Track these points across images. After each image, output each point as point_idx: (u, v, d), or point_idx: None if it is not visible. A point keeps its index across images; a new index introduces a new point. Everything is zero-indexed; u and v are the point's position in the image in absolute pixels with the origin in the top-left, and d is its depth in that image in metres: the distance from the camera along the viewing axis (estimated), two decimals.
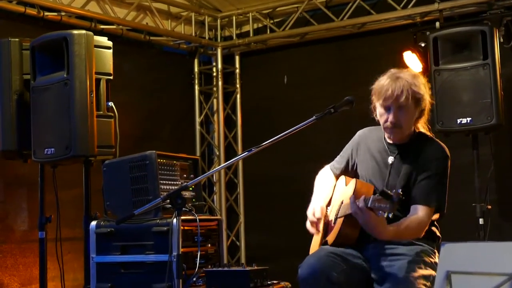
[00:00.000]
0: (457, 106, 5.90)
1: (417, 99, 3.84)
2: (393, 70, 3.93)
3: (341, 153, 4.27)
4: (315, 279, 3.67)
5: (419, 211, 3.77)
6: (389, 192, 3.42)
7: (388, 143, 4.00)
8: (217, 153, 8.55)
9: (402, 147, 3.96)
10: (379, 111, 3.93)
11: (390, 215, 3.52)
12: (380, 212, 3.49)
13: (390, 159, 3.95)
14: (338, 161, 4.26)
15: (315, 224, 3.98)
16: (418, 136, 3.98)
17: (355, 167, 4.15)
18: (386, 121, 3.88)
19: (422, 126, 4.02)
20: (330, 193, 4.17)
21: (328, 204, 4.17)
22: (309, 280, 3.69)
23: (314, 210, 4.00)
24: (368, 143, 4.10)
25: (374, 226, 3.60)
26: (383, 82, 3.87)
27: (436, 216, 3.91)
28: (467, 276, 2.68)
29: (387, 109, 3.87)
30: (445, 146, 3.96)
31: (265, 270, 4.70)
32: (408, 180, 3.85)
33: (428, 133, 4.03)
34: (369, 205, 3.51)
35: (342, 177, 4.18)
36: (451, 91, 5.95)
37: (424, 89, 3.90)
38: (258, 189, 8.33)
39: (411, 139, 3.97)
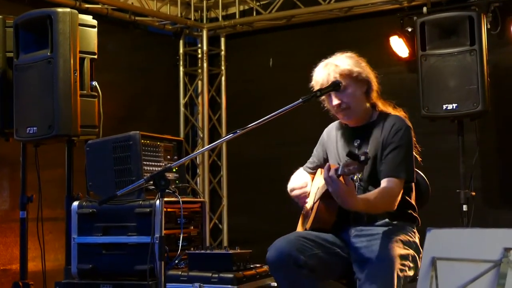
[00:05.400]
0: (443, 92, 5.90)
1: (349, 75, 3.89)
2: (325, 60, 4.04)
3: (312, 154, 4.31)
4: (281, 261, 3.64)
5: (389, 183, 3.78)
6: (355, 152, 3.48)
7: (351, 129, 4.05)
8: (201, 135, 8.50)
9: (363, 128, 4.00)
10: (326, 101, 4.02)
11: (362, 183, 3.62)
12: (352, 176, 3.55)
13: (356, 143, 3.99)
14: (311, 162, 4.31)
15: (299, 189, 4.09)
16: (378, 115, 4.01)
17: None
18: (334, 107, 3.95)
19: (382, 104, 4.05)
20: (307, 182, 4.18)
21: (307, 196, 4.17)
22: (276, 263, 3.67)
23: (294, 184, 4.15)
24: (334, 136, 4.15)
25: (344, 194, 3.56)
26: (315, 74, 4.02)
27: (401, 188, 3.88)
28: (453, 263, 2.67)
29: (329, 96, 3.95)
30: (406, 119, 3.98)
31: (248, 254, 4.68)
32: (375, 158, 3.86)
33: (390, 110, 4.05)
34: (339, 172, 3.49)
35: (318, 171, 4.22)
36: (438, 76, 5.94)
37: (355, 64, 3.94)
38: (241, 172, 8.32)
39: (371, 119, 4.01)
